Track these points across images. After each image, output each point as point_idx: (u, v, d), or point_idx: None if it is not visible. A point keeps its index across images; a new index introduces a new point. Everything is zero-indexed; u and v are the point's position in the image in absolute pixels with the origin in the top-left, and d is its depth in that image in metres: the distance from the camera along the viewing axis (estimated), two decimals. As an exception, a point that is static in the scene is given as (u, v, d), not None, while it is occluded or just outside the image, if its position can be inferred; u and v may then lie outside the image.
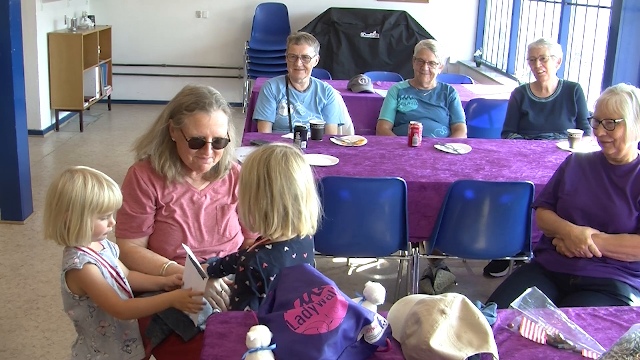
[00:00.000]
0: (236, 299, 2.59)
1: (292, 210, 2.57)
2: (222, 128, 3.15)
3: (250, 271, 2.53)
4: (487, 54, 10.87)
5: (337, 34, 10.27)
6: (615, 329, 2.58)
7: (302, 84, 5.63)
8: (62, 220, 2.65)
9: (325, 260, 5.52)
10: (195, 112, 3.09)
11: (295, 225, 2.60)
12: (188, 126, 3.10)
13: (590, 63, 7.41)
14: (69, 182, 2.64)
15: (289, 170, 2.57)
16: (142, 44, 10.91)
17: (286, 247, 2.64)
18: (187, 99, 3.13)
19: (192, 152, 3.14)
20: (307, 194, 2.62)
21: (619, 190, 3.54)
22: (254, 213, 2.57)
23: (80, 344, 2.81)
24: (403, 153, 4.78)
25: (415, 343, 2.22)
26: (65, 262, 2.69)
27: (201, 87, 3.19)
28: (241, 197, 2.63)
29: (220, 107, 3.16)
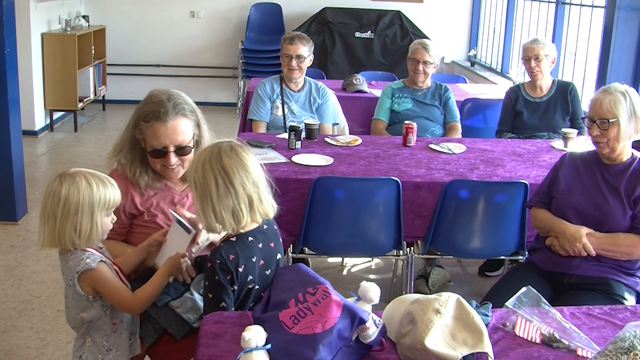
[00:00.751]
0: (210, 295, 2.57)
1: (255, 197, 2.57)
2: (183, 135, 3.09)
3: (218, 265, 2.50)
4: (481, 53, 10.88)
5: (332, 33, 10.27)
6: (609, 328, 2.59)
7: (297, 84, 5.63)
8: (72, 224, 2.64)
9: (320, 260, 5.53)
10: (152, 123, 3.05)
11: (260, 210, 2.60)
12: (148, 137, 3.07)
13: (585, 62, 7.42)
14: (72, 186, 2.63)
15: (241, 160, 2.57)
16: (137, 44, 10.91)
17: (250, 237, 2.61)
18: (146, 108, 3.08)
19: (157, 162, 3.12)
20: (262, 178, 2.62)
21: (613, 190, 3.54)
22: (220, 214, 2.53)
23: (88, 346, 2.78)
24: (397, 153, 4.78)
25: (410, 342, 2.22)
26: (75, 264, 2.67)
27: (161, 94, 3.12)
28: (200, 202, 2.57)
29: (180, 114, 3.08)
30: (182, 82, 10.67)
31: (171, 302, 2.96)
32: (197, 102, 3.30)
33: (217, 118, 9.66)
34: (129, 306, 2.75)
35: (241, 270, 2.54)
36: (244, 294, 2.60)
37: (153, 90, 3.20)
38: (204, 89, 10.86)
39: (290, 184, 4.07)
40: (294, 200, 4.08)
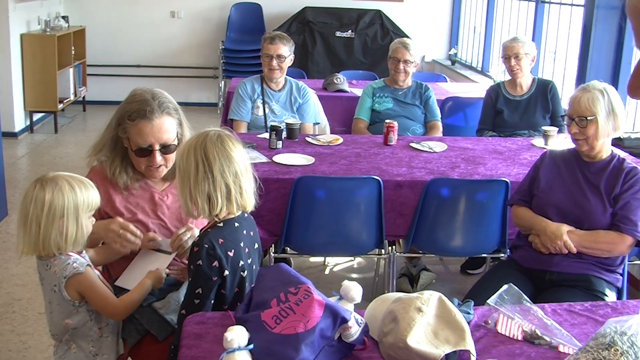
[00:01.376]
0: (190, 279, 2.57)
1: (233, 187, 2.58)
2: (168, 133, 3.10)
3: (206, 250, 2.51)
4: (462, 52, 10.90)
5: (312, 33, 10.27)
6: (590, 324, 2.60)
7: (277, 84, 5.62)
8: (57, 229, 2.62)
9: (302, 260, 5.52)
10: (137, 122, 3.04)
11: (238, 201, 2.61)
12: (133, 136, 3.06)
13: (564, 61, 7.45)
14: (56, 190, 2.62)
15: (225, 150, 2.59)
16: (117, 44, 10.85)
17: (236, 222, 2.64)
18: (130, 107, 3.08)
19: (142, 161, 3.11)
20: (245, 170, 2.64)
21: (594, 187, 3.56)
22: (195, 198, 2.56)
23: (74, 352, 2.76)
24: (379, 152, 4.78)
25: (393, 341, 2.22)
26: (62, 269, 2.65)
27: (145, 92, 3.12)
28: (180, 185, 2.61)
29: (165, 112, 3.09)
30: (162, 82, 10.62)
31: (154, 303, 2.95)
32: (178, 103, 3.29)
33: (197, 118, 9.63)
34: (115, 311, 2.74)
35: (231, 255, 2.57)
36: (238, 281, 2.61)
37: (136, 89, 3.19)
38: (184, 89, 10.83)
39: (271, 183, 4.06)
40: (275, 200, 4.07)
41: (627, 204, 3.48)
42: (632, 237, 3.45)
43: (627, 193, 3.49)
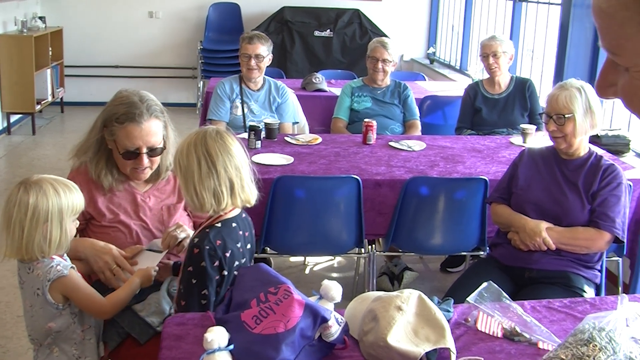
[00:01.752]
0: (193, 281, 2.57)
1: (236, 181, 2.60)
2: (155, 137, 3.10)
3: (207, 251, 2.53)
4: (440, 51, 10.93)
5: (291, 32, 10.27)
6: (569, 321, 2.62)
7: (256, 84, 5.61)
8: (41, 233, 2.60)
9: (282, 260, 5.52)
10: (126, 125, 3.03)
11: (241, 196, 2.63)
12: (120, 138, 3.05)
13: (542, 59, 7.49)
14: (40, 194, 2.60)
15: (226, 144, 2.61)
16: (95, 45, 10.79)
17: (234, 223, 2.66)
18: (118, 109, 3.07)
19: (128, 164, 3.10)
20: (245, 164, 2.66)
21: (572, 184, 3.59)
22: (201, 194, 2.57)
23: (57, 356, 2.74)
24: (358, 151, 4.79)
25: (373, 340, 2.22)
26: (46, 272, 2.63)
27: (132, 95, 3.11)
28: (184, 184, 2.62)
29: (153, 115, 3.09)
30: (141, 82, 10.56)
31: (134, 306, 2.94)
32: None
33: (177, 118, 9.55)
34: (102, 310, 2.73)
35: (228, 256, 2.58)
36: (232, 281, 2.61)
37: (122, 90, 3.19)
38: (163, 89, 10.77)
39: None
40: (255, 200, 4.06)
41: (605, 201, 3.50)
42: (610, 233, 3.47)
43: (605, 190, 3.51)
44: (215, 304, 2.59)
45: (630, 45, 0.90)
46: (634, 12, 0.88)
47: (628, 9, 0.88)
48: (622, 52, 0.92)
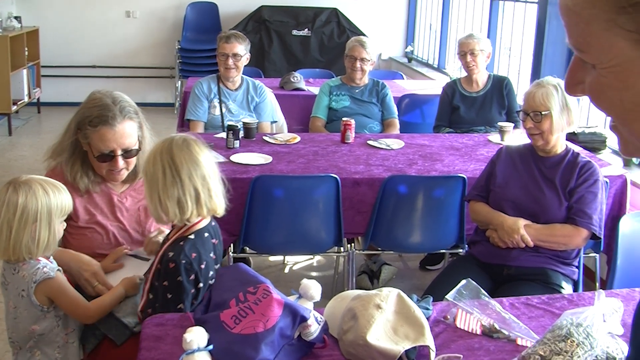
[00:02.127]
0: (168, 296, 2.56)
1: (202, 191, 2.58)
2: (130, 138, 3.08)
3: (183, 265, 2.51)
4: (418, 49, 10.95)
5: (269, 32, 10.25)
6: (547, 317, 2.63)
7: (234, 83, 5.60)
8: (29, 233, 2.59)
9: (262, 259, 5.51)
10: (99, 128, 3.01)
11: (208, 205, 2.61)
12: (94, 142, 3.03)
13: (519, 57, 7.53)
14: (29, 194, 2.58)
15: (192, 153, 2.60)
16: (71, 45, 10.71)
17: (206, 233, 2.65)
18: (91, 112, 3.04)
19: (103, 166, 3.08)
20: (213, 174, 2.65)
21: (549, 182, 3.61)
22: (165, 203, 2.55)
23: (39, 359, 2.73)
24: (336, 150, 4.79)
25: (352, 338, 2.23)
26: (32, 274, 2.61)
27: (105, 97, 3.08)
28: (149, 192, 2.61)
29: (126, 117, 3.06)
30: (118, 83, 10.52)
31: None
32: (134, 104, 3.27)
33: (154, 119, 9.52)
34: (86, 314, 2.72)
35: (203, 267, 2.56)
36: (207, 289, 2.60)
37: (94, 92, 3.15)
38: (140, 89, 10.72)
39: (229, 183, 4.03)
40: (233, 200, 4.01)
41: (582, 198, 3.52)
42: (587, 229, 3.49)
43: (582, 187, 3.54)
44: None
45: (596, 43, 0.91)
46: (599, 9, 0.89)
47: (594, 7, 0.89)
48: (589, 49, 0.93)
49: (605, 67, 0.92)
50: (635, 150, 0.98)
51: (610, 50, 0.90)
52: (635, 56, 0.88)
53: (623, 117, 0.94)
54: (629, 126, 0.94)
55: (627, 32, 0.87)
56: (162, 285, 2.55)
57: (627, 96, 0.91)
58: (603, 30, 0.89)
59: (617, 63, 0.90)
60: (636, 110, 0.91)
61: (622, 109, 0.93)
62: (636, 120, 0.92)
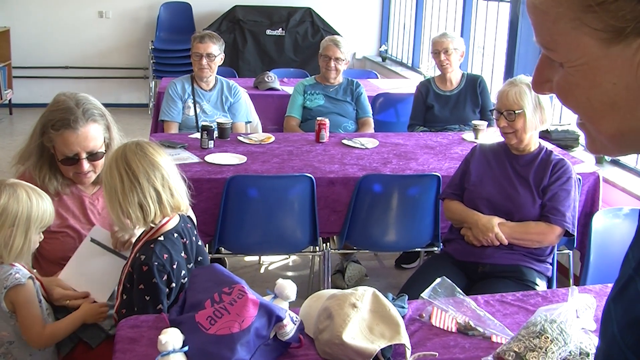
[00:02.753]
0: (147, 298, 2.55)
1: (163, 190, 2.58)
2: (94, 141, 3.03)
3: (156, 267, 2.50)
4: (392, 48, 10.97)
5: (243, 32, 10.23)
6: (522, 314, 2.65)
7: (208, 83, 5.59)
8: (4, 237, 2.55)
9: (237, 260, 5.50)
10: (62, 131, 2.97)
11: (171, 203, 2.61)
12: (58, 145, 3.00)
13: (493, 56, 7.56)
14: (12, 197, 2.56)
15: (147, 156, 2.59)
16: (43, 45, 10.62)
17: (175, 233, 2.64)
18: (54, 115, 3.00)
19: (69, 169, 3.05)
20: (172, 173, 2.64)
21: (523, 180, 3.63)
22: (127, 210, 2.54)
23: None
24: (311, 149, 4.79)
25: (328, 338, 2.23)
26: (3, 279, 2.56)
27: (69, 100, 3.04)
28: (109, 202, 2.59)
29: (90, 119, 3.02)
30: (91, 83, 10.46)
31: None
32: (108, 104, 3.25)
33: (128, 119, 9.51)
34: (36, 339, 2.63)
35: (175, 267, 2.56)
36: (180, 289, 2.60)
37: (59, 95, 3.12)
38: (114, 90, 10.67)
39: (204, 183, 4.04)
40: (208, 200, 4.05)
41: (555, 195, 3.55)
42: (561, 227, 3.52)
43: (555, 184, 3.56)
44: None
45: (563, 41, 0.92)
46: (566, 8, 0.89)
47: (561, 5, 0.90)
48: (556, 47, 0.94)
49: (572, 66, 0.92)
50: (602, 147, 0.98)
51: (578, 49, 0.91)
52: (602, 54, 0.89)
53: (590, 115, 0.95)
54: (596, 124, 0.95)
55: (594, 30, 0.88)
56: (139, 289, 2.54)
57: (595, 94, 0.92)
58: (570, 29, 0.90)
59: (585, 62, 0.91)
60: (603, 109, 0.92)
61: (589, 107, 0.94)
62: (603, 118, 0.93)
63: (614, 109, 0.91)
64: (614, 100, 0.90)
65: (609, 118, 0.92)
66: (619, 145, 0.96)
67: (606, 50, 0.88)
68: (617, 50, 0.88)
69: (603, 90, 0.90)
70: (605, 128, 0.94)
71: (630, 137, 0.93)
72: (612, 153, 1.01)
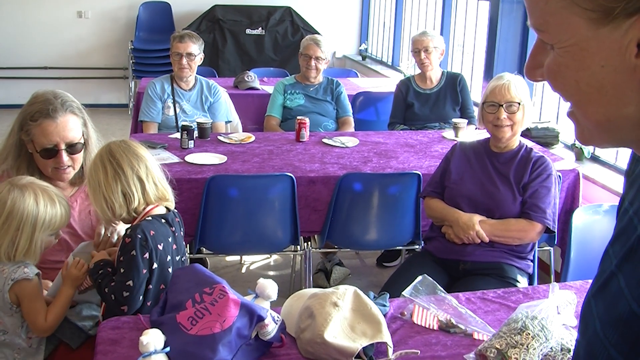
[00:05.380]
0: (121, 270, 2.55)
1: (146, 180, 2.62)
2: (73, 132, 3.03)
3: (139, 240, 2.50)
4: (372, 47, 10.98)
5: (222, 31, 10.21)
6: (503, 311, 2.65)
7: (188, 83, 5.57)
8: (10, 239, 2.55)
9: (218, 259, 5.49)
10: (40, 121, 2.97)
11: (153, 191, 2.64)
12: (37, 137, 2.98)
13: (472, 54, 7.58)
14: (19, 199, 2.54)
15: (131, 148, 2.64)
16: (21, 46, 10.53)
17: (163, 219, 2.67)
18: (32, 108, 3.01)
19: (48, 163, 3.03)
20: (154, 165, 2.69)
21: (503, 177, 3.64)
22: (110, 200, 2.57)
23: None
24: (291, 148, 4.78)
25: (310, 337, 2.23)
26: (12, 271, 2.56)
27: (47, 93, 3.06)
28: (93, 195, 2.62)
29: (68, 110, 3.03)
30: (70, 84, 10.38)
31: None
32: (87, 104, 3.23)
33: (108, 120, 9.48)
34: (42, 329, 2.65)
35: (161, 248, 2.58)
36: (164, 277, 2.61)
37: (37, 91, 3.12)
38: (93, 90, 10.61)
39: (184, 183, 4.02)
40: (188, 200, 4.03)
41: (536, 192, 3.56)
42: (541, 224, 3.53)
43: (535, 181, 3.57)
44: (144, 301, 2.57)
45: (554, 21, 0.92)
46: None
47: None
48: (548, 28, 0.94)
49: (562, 47, 0.93)
50: (590, 136, 0.98)
51: (568, 29, 0.91)
52: (591, 35, 0.89)
53: (578, 99, 0.95)
54: (583, 109, 0.95)
55: (583, 10, 0.88)
56: (119, 261, 2.54)
57: (583, 77, 0.92)
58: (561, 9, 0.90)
59: (574, 42, 0.91)
60: (591, 92, 0.92)
61: (577, 90, 0.94)
62: (590, 103, 0.93)
63: (601, 93, 0.91)
64: (602, 83, 0.91)
65: (596, 103, 0.93)
66: (606, 132, 0.96)
67: (595, 31, 0.89)
68: (606, 32, 0.88)
69: (591, 72, 0.91)
70: (592, 113, 0.94)
71: (617, 124, 0.93)
72: (600, 142, 1.00)
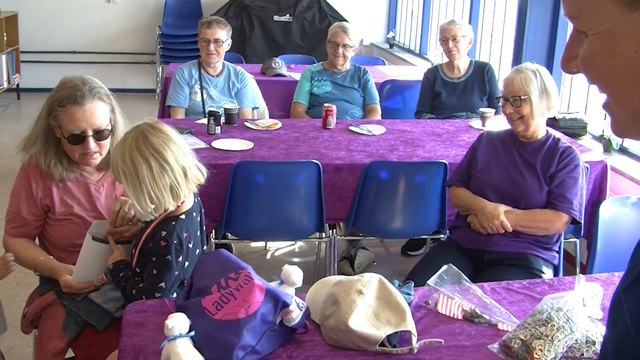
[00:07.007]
0: (154, 272, 2.58)
1: (188, 165, 2.63)
2: (101, 118, 3.02)
3: (175, 245, 2.54)
4: (400, 35, 10.94)
5: (250, 17, 10.20)
6: (528, 301, 2.64)
7: (215, 69, 5.58)
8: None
9: (244, 245, 5.51)
10: (68, 107, 2.96)
11: (193, 178, 2.67)
12: (65, 122, 2.98)
13: (501, 43, 7.53)
14: None
15: (167, 135, 2.62)
16: (51, 30, 10.61)
17: (194, 212, 2.71)
18: (60, 94, 3.00)
19: (75, 149, 3.03)
20: (187, 145, 2.70)
21: (530, 167, 3.62)
22: (157, 196, 2.55)
23: None
24: (317, 135, 4.78)
25: (334, 324, 2.23)
26: None
27: (75, 78, 3.05)
28: (134, 191, 2.56)
29: (96, 97, 3.01)
30: (98, 68, 10.45)
31: (90, 294, 2.92)
32: (115, 89, 3.24)
33: (135, 104, 9.52)
34: None
35: (191, 246, 2.63)
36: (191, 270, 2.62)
37: (65, 76, 3.11)
38: (121, 75, 10.67)
39: (210, 169, 4.03)
40: (214, 186, 4.04)
41: (563, 182, 3.54)
42: (568, 214, 3.51)
43: (563, 172, 3.55)
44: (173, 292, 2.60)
45: (585, 7, 0.91)
46: None
47: None
48: (579, 14, 0.93)
49: (595, 33, 0.92)
50: (625, 126, 0.96)
51: (600, 15, 0.90)
52: (623, 20, 0.88)
53: (611, 87, 0.93)
54: (617, 97, 0.93)
55: None
56: (150, 261, 2.56)
57: (616, 63, 0.90)
58: None
59: (607, 28, 0.90)
60: (625, 79, 0.91)
61: (610, 77, 0.92)
62: (624, 90, 0.92)
63: (635, 80, 0.90)
64: (636, 70, 0.89)
65: (631, 90, 0.91)
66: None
67: (628, 16, 0.88)
68: (638, 16, 0.87)
69: (624, 59, 0.89)
70: (627, 100, 0.92)
71: None
72: (636, 133, 0.98)
